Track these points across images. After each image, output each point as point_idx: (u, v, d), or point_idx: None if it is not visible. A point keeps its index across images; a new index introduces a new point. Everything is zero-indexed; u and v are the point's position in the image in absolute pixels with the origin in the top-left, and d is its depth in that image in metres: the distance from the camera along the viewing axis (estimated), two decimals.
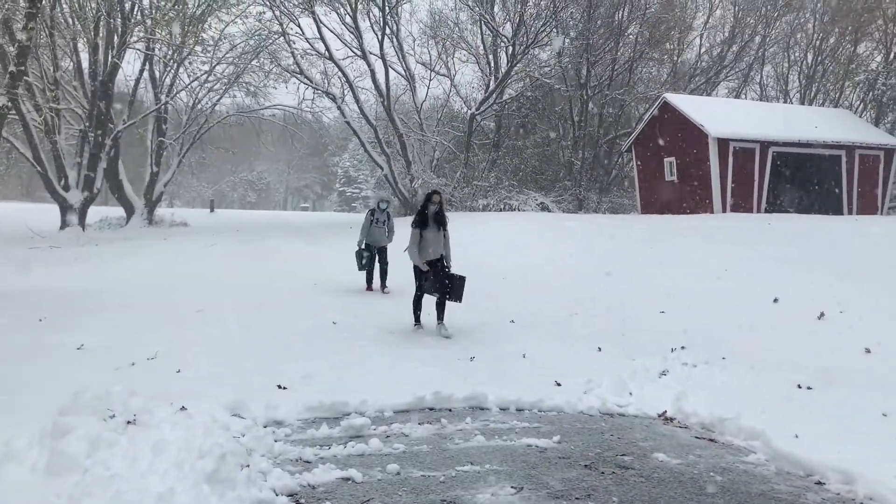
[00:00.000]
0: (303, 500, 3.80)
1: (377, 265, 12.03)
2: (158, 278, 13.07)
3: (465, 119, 34.32)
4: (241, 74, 30.98)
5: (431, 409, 5.78)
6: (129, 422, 4.35)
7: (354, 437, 4.95)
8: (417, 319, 8.88)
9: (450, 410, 5.79)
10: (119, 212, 31.21)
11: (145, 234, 24.51)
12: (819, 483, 4.41)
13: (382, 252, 12.08)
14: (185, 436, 4.08)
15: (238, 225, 32.23)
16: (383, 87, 31.08)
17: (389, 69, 31.67)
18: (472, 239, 15.58)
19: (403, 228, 11.58)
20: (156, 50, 28.55)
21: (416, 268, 8.79)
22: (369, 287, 12.05)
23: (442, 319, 8.65)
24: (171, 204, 61.70)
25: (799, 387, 6.36)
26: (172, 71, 30.26)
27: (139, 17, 25.95)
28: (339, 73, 31.30)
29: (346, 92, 32.36)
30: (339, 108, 32.76)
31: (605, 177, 34.22)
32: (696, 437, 5.33)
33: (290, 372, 6.47)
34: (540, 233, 16.66)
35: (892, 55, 31.63)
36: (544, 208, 29.41)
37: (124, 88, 31.43)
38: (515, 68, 31.74)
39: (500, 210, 28.01)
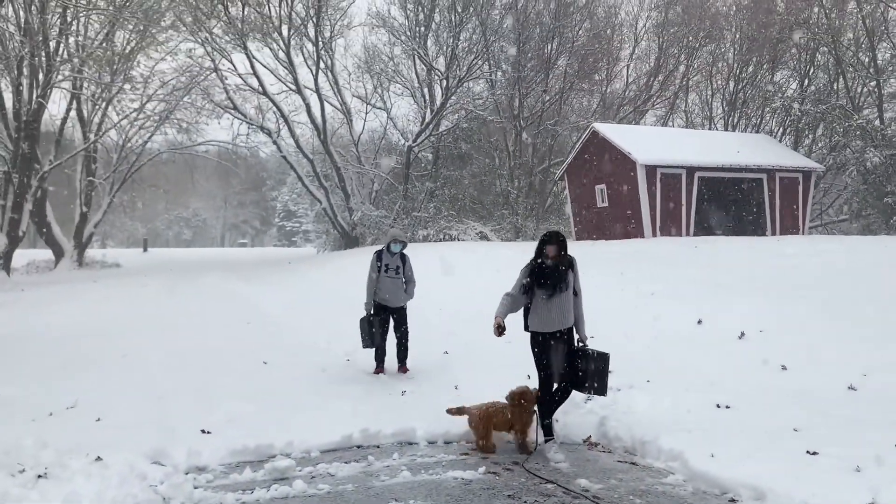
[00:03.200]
0: None
1: (391, 334, 8.55)
2: (84, 323, 12.66)
3: (402, 151, 34.59)
4: (173, 111, 30.49)
5: (359, 447, 5.78)
6: (39, 476, 4.22)
7: (279, 480, 4.90)
8: (549, 430, 5.94)
9: (378, 447, 5.79)
10: (47, 254, 30.17)
11: (75, 277, 23.75)
12: (732, 501, 4.57)
13: (400, 315, 8.57)
14: (99, 488, 3.98)
15: (172, 264, 31.57)
16: (319, 120, 31.15)
17: (325, 103, 31.85)
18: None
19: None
20: (83, 88, 27.95)
21: (533, 340, 6.02)
22: (380, 368, 8.43)
23: (552, 434, 5.89)
24: (104, 245, 60.01)
25: (718, 406, 6.58)
26: (101, 109, 29.63)
27: (65, 56, 25.38)
28: (274, 108, 31.28)
29: (281, 126, 32.34)
30: (274, 142, 32.65)
31: (540, 205, 34.83)
32: (619, 461, 5.46)
33: (215, 415, 6.35)
34: (476, 262, 16.82)
35: (805, 82, 33.29)
36: (483, 237, 29.73)
37: (50, 128, 30.57)
38: (450, 101, 32.24)
39: (441, 240, 28.18)
